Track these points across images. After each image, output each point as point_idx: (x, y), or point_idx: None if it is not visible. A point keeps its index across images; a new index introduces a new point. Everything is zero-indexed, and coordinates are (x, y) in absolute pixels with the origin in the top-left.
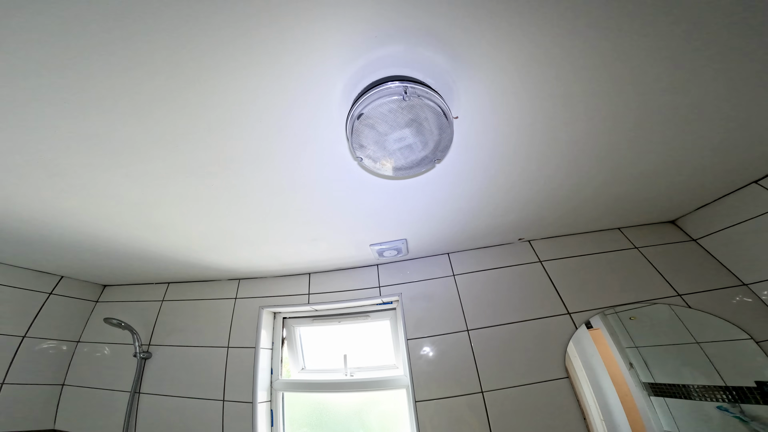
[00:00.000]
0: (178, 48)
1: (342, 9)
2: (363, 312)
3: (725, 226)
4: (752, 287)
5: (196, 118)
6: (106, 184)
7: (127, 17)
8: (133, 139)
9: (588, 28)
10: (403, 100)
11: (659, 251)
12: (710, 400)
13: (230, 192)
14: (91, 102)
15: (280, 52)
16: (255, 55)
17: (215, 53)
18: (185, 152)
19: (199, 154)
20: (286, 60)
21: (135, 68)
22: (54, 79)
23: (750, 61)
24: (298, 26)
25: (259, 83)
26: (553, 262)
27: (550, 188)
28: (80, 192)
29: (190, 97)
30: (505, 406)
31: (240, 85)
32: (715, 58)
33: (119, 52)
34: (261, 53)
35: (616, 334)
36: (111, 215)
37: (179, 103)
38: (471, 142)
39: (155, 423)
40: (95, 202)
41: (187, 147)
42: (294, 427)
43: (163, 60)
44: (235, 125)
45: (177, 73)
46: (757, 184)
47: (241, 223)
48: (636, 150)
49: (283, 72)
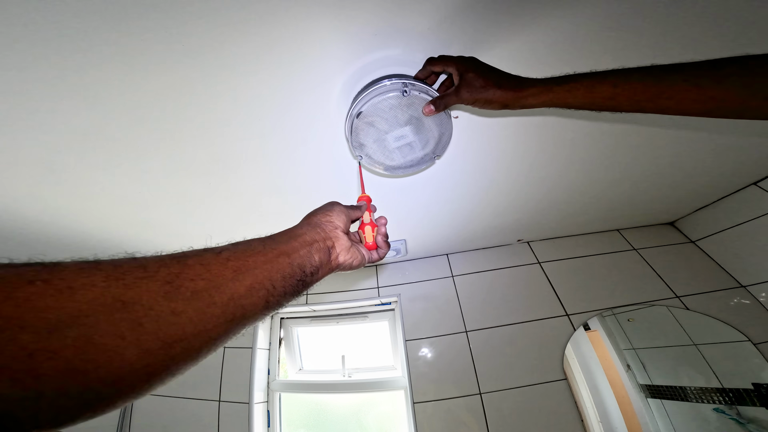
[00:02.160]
0: (176, 46)
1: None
2: (361, 313)
3: (724, 228)
4: (750, 289)
5: (193, 116)
6: (101, 182)
7: (125, 13)
8: (130, 138)
9: (590, 20)
10: (402, 96)
11: (658, 253)
12: (707, 402)
13: (227, 192)
14: (87, 99)
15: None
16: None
17: (214, 52)
18: (182, 151)
19: (197, 153)
20: (285, 59)
21: (132, 65)
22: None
23: None
24: (297, 25)
25: (258, 82)
26: (551, 264)
27: (549, 189)
28: (75, 190)
29: (188, 95)
30: (503, 407)
31: (239, 84)
32: None
33: (116, 48)
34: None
35: (613, 336)
36: (106, 214)
37: (177, 101)
38: (470, 142)
39: (150, 423)
40: (90, 201)
41: (184, 146)
42: (291, 428)
43: (160, 58)
44: (233, 124)
45: (174, 71)
46: (756, 186)
47: (238, 223)
48: (636, 152)
49: (283, 71)
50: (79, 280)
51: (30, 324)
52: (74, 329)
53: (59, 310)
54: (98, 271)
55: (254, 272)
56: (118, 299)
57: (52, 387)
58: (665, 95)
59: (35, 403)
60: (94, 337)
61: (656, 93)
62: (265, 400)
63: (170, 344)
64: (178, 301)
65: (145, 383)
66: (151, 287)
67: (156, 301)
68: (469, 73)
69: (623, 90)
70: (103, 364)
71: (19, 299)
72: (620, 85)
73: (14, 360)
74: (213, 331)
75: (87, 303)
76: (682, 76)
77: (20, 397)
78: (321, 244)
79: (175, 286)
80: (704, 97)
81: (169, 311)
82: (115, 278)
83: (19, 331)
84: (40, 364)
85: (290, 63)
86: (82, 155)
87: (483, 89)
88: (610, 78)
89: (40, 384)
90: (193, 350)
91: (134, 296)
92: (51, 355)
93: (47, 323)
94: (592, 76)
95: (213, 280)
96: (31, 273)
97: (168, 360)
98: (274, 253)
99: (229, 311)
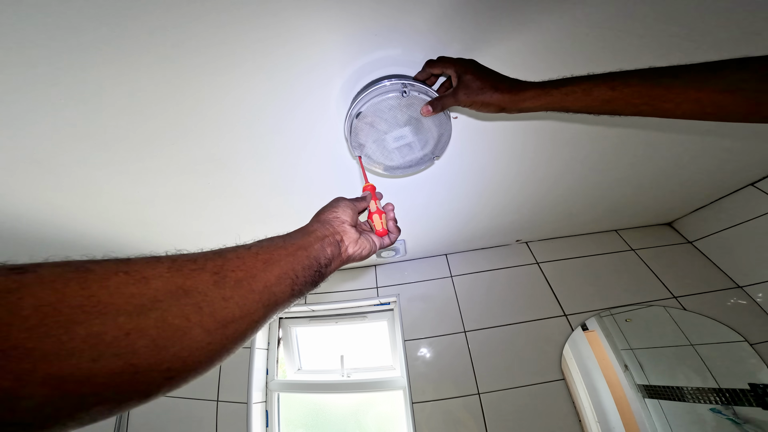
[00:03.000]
0: (175, 44)
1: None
2: (360, 313)
3: (721, 229)
4: (747, 290)
5: (192, 115)
6: (99, 181)
7: (123, 11)
8: (128, 136)
9: (589, 27)
10: (401, 97)
11: (655, 253)
12: (704, 403)
13: (226, 191)
14: (85, 98)
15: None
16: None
17: (212, 50)
18: (181, 150)
19: (196, 152)
20: (283, 59)
21: (130, 64)
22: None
23: None
24: (296, 24)
25: (256, 81)
26: (550, 264)
27: (548, 190)
28: (72, 189)
29: (186, 94)
30: (501, 407)
31: (237, 83)
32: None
33: (115, 47)
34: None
35: (611, 336)
36: (104, 213)
37: (175, 99)
38: (469, 143)
39: (147, 423)
40: (88, 200)
41: (183, 144)
42: (290, 428)
43: (159, 56)
44: (232, 123)
45: (173, 70)
46: (753, 187)
47: (237, 222)
48: (635, 154)
49: (282, 71)
50: (149, 271)
51: (123, 308)
52: (154, 312)
53: (141, 296)
54: (160, 264)
55: (280, 264)
56: (180, 287)
57: (145, 362)
58: (664, 98)
59: (133, 377)
60: (168, 318)
61: (655, 96)
62: (263, 400)
63: (225, 325)
64: (225, 288)
65: (208, 360)
66: (203, 277)
67: (209, 288)
68: (467, 76)
69: (621, 93)
70: (176, 342)
71: (111, 288)
72: (618, 87)
73: (116, 339)
74: (255, 314)
75: (159, 290)
76: (680, 79)
77: (120, 371)
78: (331, 238)
79: (221, 276)
80: (703, 100)
81: (220, 297)
82: (175, 269)
83: (116, 315)
84: (135, 341)
85: (290, 63)
86: (79, 154)
87: (480, 92)
88: (608, 81)
89: (137, 359)
90: (242, 331)
91: (192, 284)
92: (142, 334)
93: (135, 307)
94: (589, 78)
95: (249, 270)
96: (113, 266)
97: (224, 339)
98: (293, 247)
99: (264, 297)
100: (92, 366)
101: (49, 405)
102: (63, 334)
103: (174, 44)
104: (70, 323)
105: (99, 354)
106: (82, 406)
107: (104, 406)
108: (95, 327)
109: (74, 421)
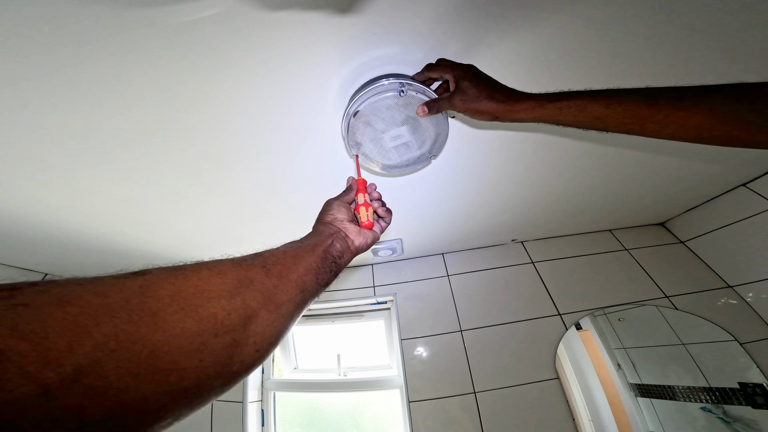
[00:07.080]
0: (172, 43)
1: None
2: (357, 312)
3: (713, 229)
4: (737, 289)
5: (189, 113)
6: (93, 180)
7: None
8: (123, 135)
9: (585, 28)
10: (399, 96)
11: (648, 253)
12: (695, 401)
13: (222, 189)
14: (80, 96)
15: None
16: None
17: (210, 50)
18: (177, 148)
19: (192, 151)
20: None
21: (126, 62)
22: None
23: (739, 63)
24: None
25: (254, 79)
26: (544, 264)
27: (544, 191)
28: (67, 188)
29: (183, 92)
30: (496, 406)
31: (234, 81)
32: (708, 70)
33: (111, 45)
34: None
35: (605, 336)
36: (99, 212)
37: (172, 98)
38: (466, 143)
39: None
40: (82, 199)
41: (179, 143)
42: (286, 428)
43: (155, 54)
44: (228, 121)
45: (169, 69)
46: (745, 187)
47: (233, 221)
48: (630, 156)
49: (279, 69)
50: (221, 266)
51: (219, 293)
52: (238, 296)
53: (225, 284)
54: (224, 262)
55: (305, 259)
56: (245, 277)
57: (241, 336)
58: (654, 119)
59: (239, 350)
60: (246, 300)
61: (646, 116)
62: (259, 399)
63: (279, 306)
64: (272, 278)
65: (275, 336)
66: (257, 270)
67: (263, 278)
68: (465, 82)
69: (614, 111)
70: (254, 320)
71: (204, 279)
72: (612, 106)
73: (226, 317)
74: (296, 298)
75: (234, 280)
76: (672, 102)
77: (230, 344)
78: (337, 235)
79: (267, 269)
80: (691, 123)
81: (271, 285)
82: (236, 265)
83: (218, 298)
84: (234, 320)
85: (288, 61)
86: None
87: (476, 99)
88: (602, 98)
89: (237, 334)
90: (290, 312)
91: (252, 276)
92: (237, 313)
93: (226, 292)
94: (585, 95)
95: (285, 264)
96: (195, 265)
97: (282, 319)
98: (310, 246)
99: (299, 285)
100: (215, 342)
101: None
102: (193, 314)
103: (169, 42)
104: (194, 306)
105: (218, 331)
106: (218, 376)
107: (222, 380)
108: (210, 309)
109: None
